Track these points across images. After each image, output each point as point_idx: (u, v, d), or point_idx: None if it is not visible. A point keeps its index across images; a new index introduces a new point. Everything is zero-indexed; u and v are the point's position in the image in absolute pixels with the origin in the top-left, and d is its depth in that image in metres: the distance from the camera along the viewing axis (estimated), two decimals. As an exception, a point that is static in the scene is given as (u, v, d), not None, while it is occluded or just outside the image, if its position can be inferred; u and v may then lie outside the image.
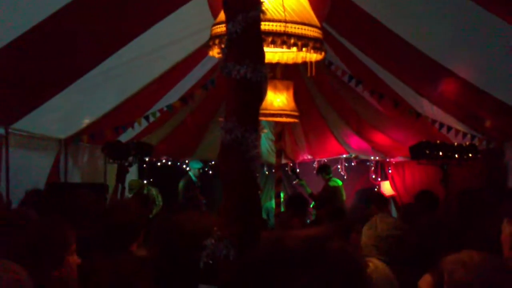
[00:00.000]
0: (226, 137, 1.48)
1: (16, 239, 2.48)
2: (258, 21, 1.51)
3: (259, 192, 1.57)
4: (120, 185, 7.57)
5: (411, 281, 2.67)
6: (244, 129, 1.47)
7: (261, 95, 1.55)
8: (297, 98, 6.65)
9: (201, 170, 9.94)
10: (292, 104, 6.49)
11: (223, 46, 1.54)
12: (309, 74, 2.58)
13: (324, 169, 9.47)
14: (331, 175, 9.37)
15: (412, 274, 2.74)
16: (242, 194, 1.48)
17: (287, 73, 6.62)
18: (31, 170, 6.48)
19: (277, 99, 6.42)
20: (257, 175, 1.57)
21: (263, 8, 1.51)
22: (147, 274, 2.06)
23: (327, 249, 1.03)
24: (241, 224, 1.45)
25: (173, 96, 7.63)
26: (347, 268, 1.02)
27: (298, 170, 10.70)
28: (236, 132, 1.46)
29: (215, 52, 2.26)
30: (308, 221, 8.93)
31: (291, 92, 6.49)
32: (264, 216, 9.98)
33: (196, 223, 1.99)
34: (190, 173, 9.86)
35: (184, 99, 7.75)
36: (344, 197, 9.26)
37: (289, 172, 10.80)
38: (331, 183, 9.15)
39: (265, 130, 8.90)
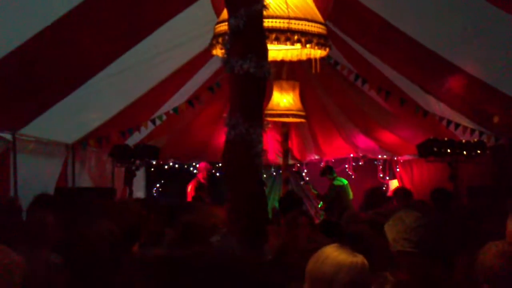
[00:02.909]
0: (230, 132, 1.46)
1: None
2: (260, 15, 1.49)
3: (265, 187, 1.55)
4: (127, 189, 7.59)
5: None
6: (249, 125, 1.45)
7: (265, 91, 1.53)
8: (303, 98, 6.66)
9: (209, 173, 9.91)
10: (298, 104, 6.50)
11: (225, 41, 1.52)
12: (313, 71, 2.56)
13: (328, 170, 9.41)
14: (335, 175, 9.32)
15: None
16: (247, 190, 1.46)
17: (293, 73, 6.61)
18: (39, 175, 6.48)
19: (284, 100, 6.44)
20: (262, 170, 1.56)
21: (265, 2, 1.50)
22: (148, 274, 2.04)
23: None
24: (247, 219, 1.43)
25: (179, 98, 7.63)
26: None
27: (304, 173, 10.70)
28: (241, 127, 1.44)
29: (218, 51, 2.25)
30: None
31: (297, 92, 6.50)
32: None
33: (204, 221, 1.98)
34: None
35: (190, 102, 7.75)
36: (351, 196, 9.19)
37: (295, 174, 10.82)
38: (336, 182, 9.10)
39: (270, 125, 8.84)
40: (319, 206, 9.64)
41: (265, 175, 11.17)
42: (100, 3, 4.46)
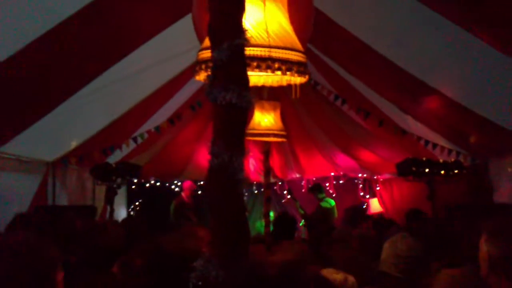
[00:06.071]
0: (213, 161, 1.52)
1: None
2: (243, 48, 1.56)
3: (246, 213, 1.61)
4: (108, 207, 7.56)
5: None
6: (231, 153, 1.51)
7: (247, 120, 1.60)
8: (284, 117, 6.73)
9: (193, 192, 9.91)
10: (279, 124, 6.56)
11: (209, 72, 1.59)
12: (293, 96, 2.64)
13: (317, 189, 9.35)
14: (323, 195, 9.29)
15: None
16: (230, 217, 1.51)
17: (274, 93, 6.69)
18: (19, 193, 6.44)
19: (265, 119, 6.49)
20: (244, 196, 1.61)
21: (248, 35, 1.57)
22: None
23: (303, 275, 1.07)
24: (229, 245, 1.48)
25: (160, 117, 7.67)
26: None
27: (285, 192, 10.78)
28: (223, 156, 1.50)
29: (201, 77, 2.31)
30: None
31: (278, 112, 6.56)
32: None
33: (184, 245, 2.02)
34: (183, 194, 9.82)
35: (171, 120, 7.78)
36: (336, 215, 9.24)
37: (285, 192, 10.85)
38: (324, 204, 9.10)
39: (251, 153, 8.96)
40: (301, 224, 9.68)
41: (246, 193, 11.21)
42: (82, 21, 4.49)
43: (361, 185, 10.55)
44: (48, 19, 4.30)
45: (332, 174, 10.52)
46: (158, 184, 10.41)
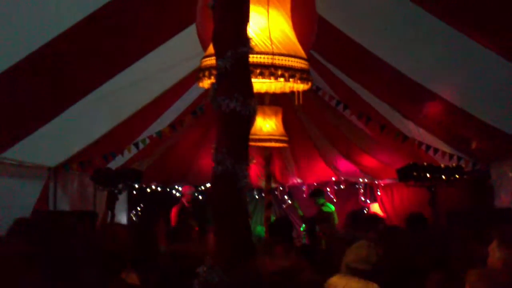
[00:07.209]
0: (217, 168, 1.53)
1: None
2: (246, 56, 1.58)
3: (249, 219, 1.62)
4: (109, 212, 7.56)
5: None
6: (234, 160, 1.52)
7: (250, 128, 1.61)
8: (285, 122, 6.75)
9: (193, 195, 9.89)
10: (281, 129, 6.58)
11: (213, 80, 1.60)
12: (296, 103, 2.65)
13: (318, 194, 9.32)
14: (323, 201, 9.28)
15: None
16: (233, 223, 1.53)
17: (275, 98, 6.71)
18: (20, 199, 6.44)
19: (266, 125, 6.52)
20: (247, 201, 1.62)
21: (252, 44, 1.59)
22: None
23: (298, 282, 1.08)
24: (232, 251, 1.49)
25: (162, 122, 7.68)
26: None
27: (286, 196, 10.81)
28: (227, 163, 1.52)
29: (205, 84, 2.33)
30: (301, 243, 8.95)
31: (279, 117, 6.59)
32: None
33: (189, 251, 2.02)
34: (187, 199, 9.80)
35: (173, 126, 7.80)
36: (337, 221, 9.23)
37: (285, 195, 10.91)
38: (325, 209, 9.09)
39: (254, 161, 8.96)
40: (301, 229, 9.68)
41: (248, 198, 11.21)
42: (86, 30, 4.52)
43: (362, 190, 10.54)
44: (52, 26, 4.32)
45: (333, 179, 10.52)
46: (159, 189, 10.41)
